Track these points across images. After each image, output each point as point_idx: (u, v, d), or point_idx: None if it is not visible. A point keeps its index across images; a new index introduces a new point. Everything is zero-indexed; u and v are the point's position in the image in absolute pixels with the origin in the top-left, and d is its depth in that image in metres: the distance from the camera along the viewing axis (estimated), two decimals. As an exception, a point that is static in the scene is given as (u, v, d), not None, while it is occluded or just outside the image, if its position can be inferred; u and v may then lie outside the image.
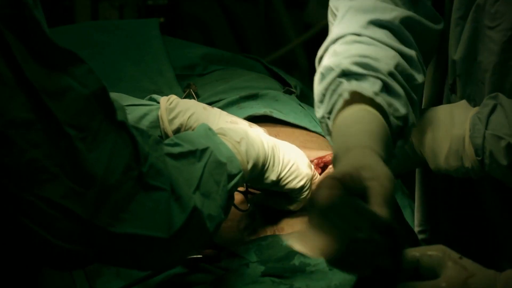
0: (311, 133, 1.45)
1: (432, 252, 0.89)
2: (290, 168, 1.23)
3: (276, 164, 1.21)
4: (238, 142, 1.15)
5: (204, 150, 1.09)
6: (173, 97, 1.34)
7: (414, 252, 0.90)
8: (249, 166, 1.15)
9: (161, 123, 1.31)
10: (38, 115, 0.89)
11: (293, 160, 1.23)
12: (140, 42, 1.75)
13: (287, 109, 1.50)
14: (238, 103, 1.53)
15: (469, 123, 1.15)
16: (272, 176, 1.21)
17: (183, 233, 1.02)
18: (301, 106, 1.56)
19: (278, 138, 1.27)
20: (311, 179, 1.26)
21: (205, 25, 3.01)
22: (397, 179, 1.37)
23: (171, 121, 1.31)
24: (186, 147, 1.08)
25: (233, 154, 1.13)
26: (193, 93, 1.56)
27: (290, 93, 1.65)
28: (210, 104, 1.52)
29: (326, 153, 1.37)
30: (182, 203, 1.01)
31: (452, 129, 1.17)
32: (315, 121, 1.50)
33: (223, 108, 1.41)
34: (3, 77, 0.87)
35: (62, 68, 0.91)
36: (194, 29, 3.00)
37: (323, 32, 3.06)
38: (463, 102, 1.21)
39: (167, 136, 1.31)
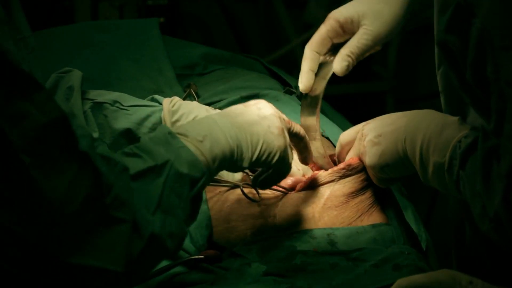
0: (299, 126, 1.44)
1: (442, 277, 0.87)
2: (261, 147, 1.17)
3: (245, 151, 1.16)
4: (201, 141, 1.11)
5: (163, 165, 1.05)
6: (175, 98, 1.33)
7: (422, 279, 0.88)
8: (216, 164, 1.12)
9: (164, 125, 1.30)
10: None
11: (262, 137, 1.18)
12: (140, 42, 1.75)
13: (288, 109, 1.50)
14: (239, 103, 1.52)
15: (448, 155, 1.14)
16: (244, 163, 1.17)
17: (141, 260, 0.99)
18: (301, 106, 1.56)
19: None
20: (286, 146, 1.21)
21: (205, 25, 3.01)
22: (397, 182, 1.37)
23: (174, 123, 1.31)
24: (146, 162, 1.04)
25: (196, 158, 1.08)
26: (193, 92, 1.56)
27: (291, 93, 1.64)
28: (210, 104, 1.52)
29: (330, 153, 1.37)
30: (140, 231, 0.99)
31: (434, 155, 1.16)
32: (316, 120, 1.50)
33: (223, 108, 1.41)
34: None
35: (22, 93, 0.89)
36: (194, 29, 3.00)
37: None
38: (454, 120, 1.18)
39: None
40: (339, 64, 1.28)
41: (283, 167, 1.22)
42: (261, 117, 1.20)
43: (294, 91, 1.66)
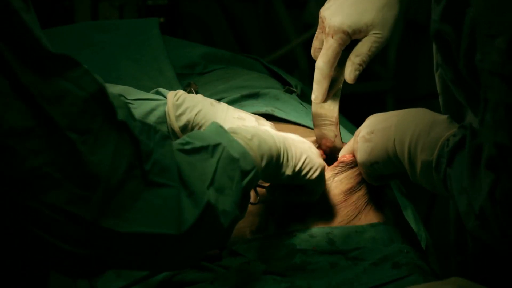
0: (313, 131, 1.45)
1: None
2: (304, 160, 1.21)
3: (290, 158, 1.20)
4: (250, 139, 1.14)
5: (216, 146, 1.07)
6: (180, 92, 1.33)
7: None
8: (263, 163, 1.14)
9: (168, 119, 1.31)
10: (38, 121, 0.88)
11: (305, 152, 1.22)
12: (140, 41, 1.75)
13: (289, 108, 1.50)
14: (239, 102, 1.53)
15: (436, 153, 1.14)
16: (287, 171, 1.20)
17: (197, 230, 1.00)
18: (302, 105, 1.56)
19: None
20: (324, 167, 1.26)
21: (205, 25, 3.02)
22: (396, 179, 1.37)
23: (178, 117, 1.31)
24: (198, 144, 1.07)
25: (246, 150, 1.11)
26: (194, 92, 1.56)
27: (291, 92, 1.65)
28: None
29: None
30: (196, 198, 1.00)
31: (422, 153, 1.16)
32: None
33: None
34: None
35: (58, 72, 0.90)
36: (194, 29, 3.00)
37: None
38: (443, 119, 1.19)
39: (174, 132, 1.31)
40: (352, 73, 1.29)
41: (316, 188, 1.26)
42: (301, 140, 1.26)
43: (294, 90, 1.66)
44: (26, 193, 0.89)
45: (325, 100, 1.33)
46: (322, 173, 1.24)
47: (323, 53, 1.29)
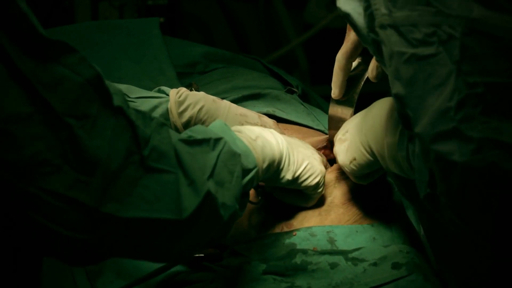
0: (314, 132, 1.45)
1: None
2: (306, 166, 1.22)
3: (291, 163, 1.20)
4: (254, 140, 1.14)
5: (218, 140, 1.08)
6: (182, 89, 1.34)
7: None
8: (265, 165, 1.15)
9: (170, 116, 1.31)
10: (36, 107, 0.88)
11: (307, 158, 1.23)
12: (140, 41, 1.75)
13: (290, 108, 1.51)
14: (241, 103, 1.53)
15: (398, 132, 1.13)
16: (288, 175, 1.21)
17: (196, 218, 1.01)
18: (303, 105, 1.56)
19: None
20: (324, 175, 1.26)
21: (205, 25, 3.02)
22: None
23: (180, 114, 1.31)
24: (200, 136, 1.07)
25: (249, 149, 1.12)
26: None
27: (292, 92, 1.65)
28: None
29: None
30: (196, 187, 1.01)
31: (386, 136, 1.15)
32: (318, 120, 1.50)
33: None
34: None
35: (54, 58, 0.91)
36: (194, 29, 3.00)
37: (323, 32, 3.07)
38: None
39: (177, 129, 1.31)
40: (375, 71, 1.29)
41: (315, 194, 1.26)
42: (304, 145, 1.26)
43: (296, 91, 1.66)
44: (27, 179, 0.89)
45: (343, 97, 1.33)
46: (321, 180, 1.25)
47: (343, 46, 1.29)
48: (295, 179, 1.22)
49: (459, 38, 0.93)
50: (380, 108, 1.19)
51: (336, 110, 1.34)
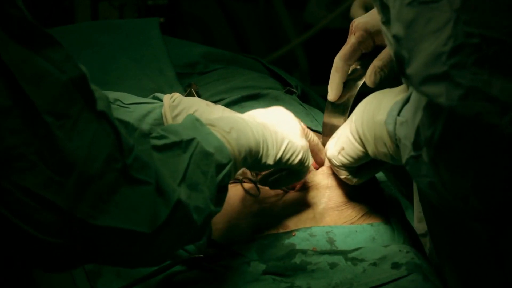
0: (313, 133, 1.45)
1: None
2: (286, 146, 1.21)
3: (270, 148, 1.19)
4: (228, 132, 1.12)
5: (189, 141, 1.06)
6: (176, 94, 1.34)
7: None
8: (241, 156, 1.13)
9: (164, 120, 1.30)
10: (16, 101, 0.87)
11: (287, 137, 1.21)
12: (140, 41, 1.75)
13: (289, 108, 1.50)
14: (240, 103, 1.53)
15: (387, 113, 1.13)
16: (269, 160, 1.19)
17: (167, 228, 0.99)
18: (302, 106, 1.56)
19: None
20: (307, 148, 1.25)
21: (205, 25, 3.02)
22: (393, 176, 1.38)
23: (174, 118, 1.31)
24: (172, 139, 1.05)
25: (222, 144, 1.10)
26: (194, 92, 1.56)
27: (291, 93, 1.65)
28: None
29: None
30: (166, 197, 0.99)
31: (377, 115, 1.15)
32: (317, 120, 1.50)
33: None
34: None
35: (39, 49, 0.89)
36: (194, 29, 3.00)
37: (323, 32, 3.07)
38: (401, 87, 1.18)
39: None
40: (372, 77, 1.29)
41: (303, 169, 1.25)
42: (283, 119, 1.24)
43: (295, 91, 1.66)
44: (1, 173, 0.87)
45: (338, 100, 1.33)
46: (304, 156, 1.24)
47: (342, 49, 1.30)
48: (278, 161, 1.20)
49: None
50: (373, 97, 1.20)
51: (330, 117, 1.34)
